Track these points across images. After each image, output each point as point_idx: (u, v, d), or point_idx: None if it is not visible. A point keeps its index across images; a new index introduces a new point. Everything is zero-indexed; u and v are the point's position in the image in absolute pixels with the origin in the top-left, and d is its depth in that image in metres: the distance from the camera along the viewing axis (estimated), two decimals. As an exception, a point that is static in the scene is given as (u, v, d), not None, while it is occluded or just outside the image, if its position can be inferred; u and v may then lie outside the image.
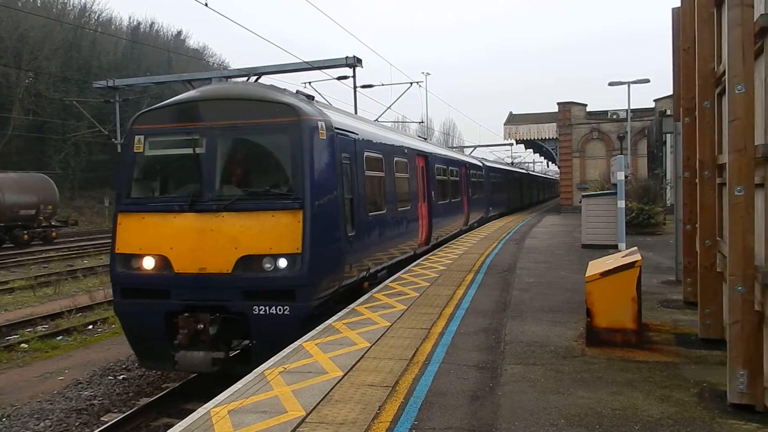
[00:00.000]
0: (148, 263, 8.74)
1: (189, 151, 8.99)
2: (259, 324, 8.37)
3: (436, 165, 18.44)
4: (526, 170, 58.96)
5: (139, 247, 8.79)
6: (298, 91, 10.55)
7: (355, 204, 10.28)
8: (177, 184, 9.41)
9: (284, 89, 10.33)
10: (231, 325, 8.56)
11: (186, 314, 8.41)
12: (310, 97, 10.36)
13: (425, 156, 17.07)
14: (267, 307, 8.32)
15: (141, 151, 9.21)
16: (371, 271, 11.29)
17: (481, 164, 29.01)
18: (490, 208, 30.33)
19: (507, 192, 37.15)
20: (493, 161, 39.25)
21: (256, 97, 9.27)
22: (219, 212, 8.56)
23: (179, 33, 76.54)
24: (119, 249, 8.96)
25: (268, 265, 8.38)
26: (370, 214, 11.25)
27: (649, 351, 6.85)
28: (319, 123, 9.05)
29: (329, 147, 9.28)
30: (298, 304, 8.35)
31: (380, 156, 12.50)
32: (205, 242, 8.50)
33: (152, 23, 73.84)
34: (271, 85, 10.51)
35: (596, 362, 6.47)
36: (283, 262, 8.36)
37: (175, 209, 8.77)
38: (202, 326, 8.30)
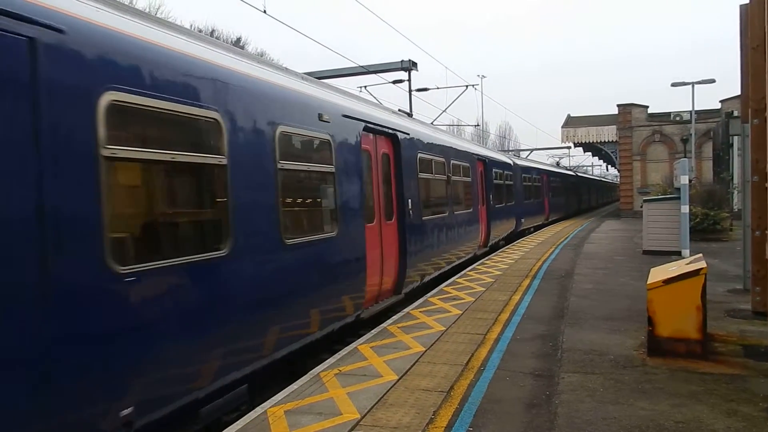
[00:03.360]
0: None
1: None
2: None
3: (420, 155, 11.75)
4: (575, 172, 53.88)
5: None
6: None
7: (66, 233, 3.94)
8: None
9: None
10: None
11: None
12: None
13: (390, 136, 10.32)
14: None
15: None
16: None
17: (510, 162, 23.81)
18: (523, 220, 24.98)
19: (549, 197, 33.38)
20: (527, 160, 35.55)
21: None
22: None
23: (239, 39, 78.47)
24: None
25: None
26: (153, 262, 4.65)
27: (714, 362, 6.60)
28: None
29: None
30: None
31: (230, 120, 5.63)
32: None
33: (212, 30, 75.97)
34: None
35: (658, 373, 6.28)
36: None
37: None
38: None
